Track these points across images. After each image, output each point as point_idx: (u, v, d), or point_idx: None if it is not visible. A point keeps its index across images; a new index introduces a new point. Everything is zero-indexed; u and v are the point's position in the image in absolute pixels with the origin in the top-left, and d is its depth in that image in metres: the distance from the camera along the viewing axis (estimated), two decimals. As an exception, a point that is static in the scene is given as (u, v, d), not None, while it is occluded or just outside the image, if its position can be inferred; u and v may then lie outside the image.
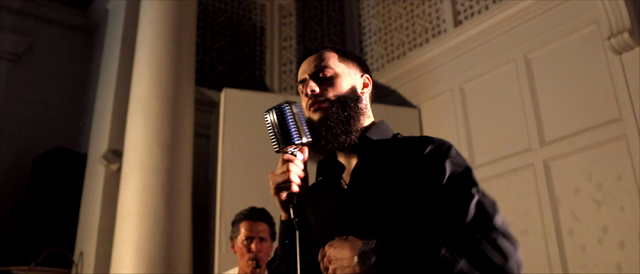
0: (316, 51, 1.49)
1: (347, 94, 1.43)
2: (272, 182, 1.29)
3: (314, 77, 1.44)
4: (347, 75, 1.46)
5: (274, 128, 1.31)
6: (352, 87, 1.45)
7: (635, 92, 3.65)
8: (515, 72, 4.43)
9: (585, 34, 4.04)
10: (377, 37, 6.01)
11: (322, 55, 1.47)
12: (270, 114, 1.32)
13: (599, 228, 3.68)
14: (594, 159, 3.80)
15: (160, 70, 4.55)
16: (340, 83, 1.43)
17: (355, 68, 1.51)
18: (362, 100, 1.46)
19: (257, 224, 2.72)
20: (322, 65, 1.45)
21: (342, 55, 1.49)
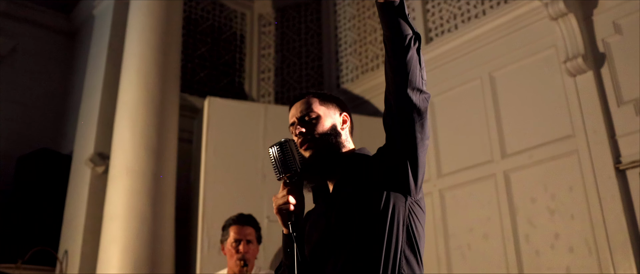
0: (302, 97, 1.79)
1: (328, 131, 1.72)
2: (275, 204, 1.58)
3: (301, 120, 1.73)
4: (328, 116, 1.74)
5: (275, 160, 1.61)
6: (333, 125, 1.74)
7: (587, 112, 4.03)
8: (481, 89, 4.78)
9: (545, 57, 4.41)
10: (353, 49, 6.32)
11: (306, 101, 1.76)
12: (273, 148, 1.63)
13: (552, 234, 4.05)
14: (549, 172, 4.18)
15: (148, 78, 4.79)
16: (322, 123, 1.72)
17: (335, 108, 1.78)
18: (341, 135, 1.75)
19: (245, 228, 3.00)
20: (307, 110, 1.73)
21: (322, 99, 1.78)
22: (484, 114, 4.70)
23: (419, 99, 1.53)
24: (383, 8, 1.51)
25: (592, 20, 4.19)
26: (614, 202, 3.77)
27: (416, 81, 1.52)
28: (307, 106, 1.74)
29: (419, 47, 1.55)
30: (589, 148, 3.97)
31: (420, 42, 1.55)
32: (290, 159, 1.59)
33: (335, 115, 1.77)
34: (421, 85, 1.53)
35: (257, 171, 4.91)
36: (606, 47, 4.10)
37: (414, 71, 1.52)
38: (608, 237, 3.75)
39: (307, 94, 1.78)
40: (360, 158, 1.70)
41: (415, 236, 1.56)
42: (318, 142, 1.69)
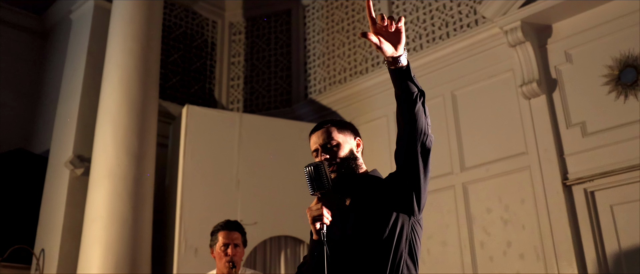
0: (321, 126, 2.10)
1: (348, 155, 2.04)
2: (309, 215, 1.84)
3: (324, 148, 2.04)
4: (346, 142, 2.07)
5: (310, 178, 1.88)
6: (351, 150, 2.07)
7: (539, 132, 4.47)
8: (443, 106, 5.16)
9: (503, 80, 4.83)
10: (321, 61, 6.61)
11: (326, 130, 2.07)
12: (309, 168, 1.89)
13: (505, 242, 4.47)
14: (504, 185, 4.59)
15: (130, 85, 4.98)
16: (342, 149, 2.04)
17: (350, 135, 2.11)
18: (358, 158, 2.09)
19: (232, 233, 3.29)
20: (328, 138, 2.05)
21: (340, 127, 2.09)
22: (446, 130, 5.08)
23: (425, 142, 1.86)
24: (394, 73, 1.85)
25: (547, 48, 4.63)
26: (561, 214, 4.20)
27: (423, 128, 1.84)
28: (327, 135, 2.05)
29: (424, 101, 1.87)
30: (540, 165, 4.40)
31: (424, 97, 1.87)
32: (323, 178, 1.85)
33: (351, 140, 2.09)
34: (427, 130, 1.87)
35: (231, 178, 5.16)
36: (558, 73, 4.54)
37: (420, 120, 1.84)
38: (554, 245, 4.18)
39: (326, 124, 2.08)
40: (374, 180, 2.02)
41: (415, 247, 1.89)
42: (340, 166, 2.00)
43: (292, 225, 5.25)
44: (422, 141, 1.85)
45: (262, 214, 5.15)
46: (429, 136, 1.88)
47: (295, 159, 5.48)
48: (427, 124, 1.88)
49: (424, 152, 1.86)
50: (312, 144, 2.08)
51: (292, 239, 5.32)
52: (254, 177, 5.25)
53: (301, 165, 5.81)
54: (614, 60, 4.26)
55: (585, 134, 4.28)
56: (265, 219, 5.15)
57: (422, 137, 1.85)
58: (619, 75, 4.21)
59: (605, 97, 4.25)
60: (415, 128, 1.83)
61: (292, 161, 5.45)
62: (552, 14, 4.50)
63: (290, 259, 5.27)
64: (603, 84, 4.28)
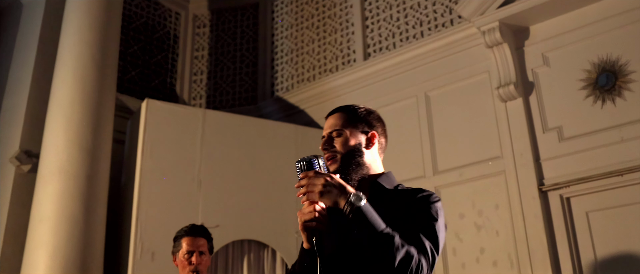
0: (335, 111, 1.87)
1: (352, 150, 1.78)
2: (300, 219, 1.59)
3: (329, 136, 1.81)
4: (353, 134, 1.81)
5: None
6: (357, 144, 1.80)
7: (515, 136, 4.34)
8: (416, 107, 4.99)
9: (478, 81, 4.69)
10: (289, 58, 6.38)
11: (337, 118, 1.84)
12: (301, 163, 1.63)
13: (478, 249, 4.32)
14: (478, 190, 4.44)
15: (85, 76, 4.64)
16: (347, 141, 1.79)
17: (363, 127, 1.84)
18: (365, 154, 1.81)
19: (197, 239, 3.01)
20: (334, 126, 1.81)
21: (352, 115, 1.84)
22: (418, 132, 4.91)
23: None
24: (355, 217, 1.60)
25: (524, 50, 4.51)
26: (536, 220, 4.07)
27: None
28: (335, 121, 1.83)
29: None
30: (516, 169, 4.26)
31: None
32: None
33: (361, 133, 1.84)
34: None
35: (193, 177, 4.88)
36: (535, 76, 4.42)
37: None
38: (529, 252, 4.05)
39: (340, 110, 1.87)
40: (383, 187, 1.79)
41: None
42: (341, 159, 1.77)
43: (256, 228, 4.99)
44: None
45: (225, 216, 4.88)
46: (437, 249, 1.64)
47: (260, 159, 5.23)
48: (428, 259, 1.59)
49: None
50: (324, 130, 1.87)
51: (256, 243, 5.06)
52: (216, 177, 4.97)
53: (266, 165, 5.55)
54: (592, 64, 4.16)
55: (561, 139, 4.17)
56: (227, 221, 4.88)
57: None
58: (597, 79, 4.11)
59: (583, 101, 4.15)
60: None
61: (257, 160, 5.20)
62: (530, 15, 4.38)
63: (253, 265, 5.01)
64: (580, 89, 4.18)
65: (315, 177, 1.58)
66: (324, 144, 1.81)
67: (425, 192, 1.74)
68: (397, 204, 1.70)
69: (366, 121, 1.87)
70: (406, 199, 1.71)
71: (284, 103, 6.14)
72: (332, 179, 1.58)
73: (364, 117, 1.87)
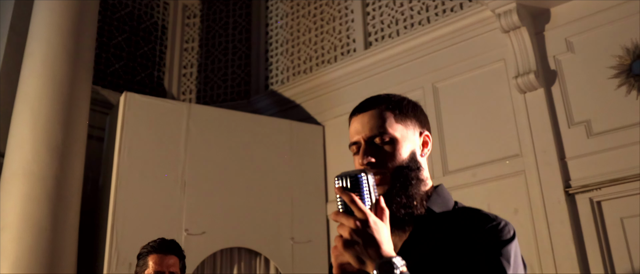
0: (371, 107, 1.35)
1: (407, 162, 1.31)
2: (334, 259, 1.14)
3: (370, 143, 1.31)
4: (406, 139, 1.33)
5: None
6: (412, 153, 1.33)
7: (536, 131, 3.84)
8: (423, 100, 4.51)
9: (493, 70, 4.20)
10: (284, 49, 5.91)
11: (379, 114, 1.32)
12: (343, 181, 1.15)
13: (496, 259, 3.82)
14: (494, 192, 3.96)
15: (55, 67, 4.16)
16: (399, 150, 1.31)
17: (414, 126, 1.37)
18: (422, 167, 1.34)
19: (167, 257, 2.52)
20: (380, 130, 1.30)
21: (400, 113, 1.34)
22: (426, 127, 4.42)
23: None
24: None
25: (544, 35, 4.02)
26: (563, 227, 3.58)
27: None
28: (380, 122, 1.31)
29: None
30: (538, 169, 3.78)
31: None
32: (367, 200, 1.14)
33: (414, 136, 1.36)
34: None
35: (176, 179, 4.39)
36: (558, 64, 3.93)
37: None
38: (555, 264, 3.56)
39: (380, 102, 1.35)
40: (434, 213, 1.31)
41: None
42: (394, 178, 1.28)
43: (247, 235, 4.51)
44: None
45: (212, 222, 4.40)
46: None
47: (252, 158, 4.75)
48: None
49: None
50: (352, 133, 1.35)
51: (247, 251, 4.58)
52: (203, 179, 4.49)
53: (259, 165, 5.04)
54: (625, 49, 3.66)
55: (590, 135, 3.68)
56: (215, 228, 4.40)
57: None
58: (631, 66, 3.62)
59: (614, 92, 3.65)
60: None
61: (249, 160, 4.72)
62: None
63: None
64: (611, 77, 3.68)
65: (344, 216, 1.10)
66: (364, 156, 1.29)
67: (494, 221, 1.25)
68: (454, 238, 1.22)
69: (416, 116, 1.39)
70: (468, 233, 1.23)
71: (278, 97, 5.66)
72: (368, 225, 1.08)
73: (412, 111, 1.38)
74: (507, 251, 1.18)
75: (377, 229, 1.08)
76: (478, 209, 1.31)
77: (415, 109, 1.40)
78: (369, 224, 1.08)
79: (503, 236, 1.21)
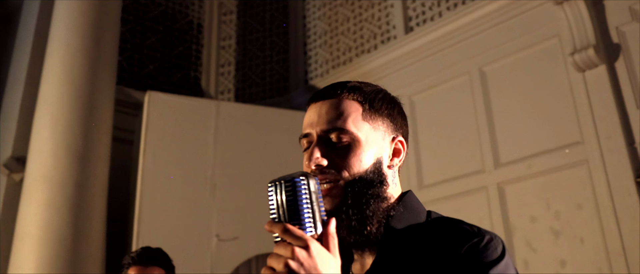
0: (334, 94, 1.05)
1: (368, 174, 1.01)
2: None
3: (323, 140, 1.02)
4: (372, 143, 1.04)
5: (278, 205, 0.92)
6: (377, 162, 1.04)
7: (598, 114, 3.36)
8: (469, 86, 4.09)
9: (546, 48, 3.74)
10: (323, 41, 5.60)
11: (341, 106, 1.04)
12: (278, 188, 0.92)
13: (557, 261, 3.37)
14: (553, 185, 3.50)
15: (75, 69, 3.99)
16: (360, 156, 1.02)
17: (386, 128, 1.07)
18: (387, 182, 1.04)
19: (150, 269, 2.25)
20: (339, 125, 1.02)
21: (370, 108, 1.05)
22: (474, 116, 4.01)
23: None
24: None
25: (604, 4, 3.53)
26: (634, 223, 3.09)
27: None
28: (340, 116, 1.03)
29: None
30: (603, 158, 3.29)
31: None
32: (307, 212, 0.90)
33: (384, 141, 1.07)
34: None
35: (205, 181, 4.14)
36: (621, 36, 3.44)
37: None
38: (628, 265, 3.07)
39: (346, 90, 1.06)
40: (411, 228, 1.02)
41: None
42: (347, 191, 1.00)
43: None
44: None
45: (245, 226, 4.12)
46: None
47: (287, 157, 4.42)
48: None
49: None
50: (305, 123, 1.07)
51: (283, 256, 4.28)
52: (234, 181, 4.21)
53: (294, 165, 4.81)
54: (703, 14, 3.14)
55: (663, 115, 3.18)
56: (248, 233, 4.12)
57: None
58: None
59: (691, 64, 3.14)
60: None
61: (283, 159, 4.40)
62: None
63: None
64: (687, 47, 3.17)
65: (280, 246, 0.86)
66: (312, 155, 1.01)
67: (475, 238, 0.95)
68: (427, 262, 0.95)
69: (391, 116, 1.09)
70: (443, 254, 0.94)
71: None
72: (309, 255, 0.84)
73: (387, 108, 1.08)
74: (500, 269, 0.91)
75: (323, 262, 0.84)
76: (457, 221, 1.02)
77: (392, 106, 1.10)
78: (311, 255, 0.83)
79: (487, 256, 0.93)
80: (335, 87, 1.06)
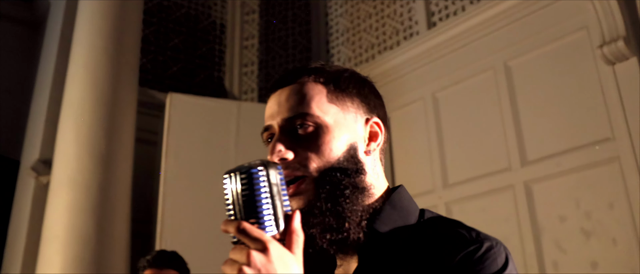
0: (294, 79, 0.96)
1: (342, 162, 0.89)
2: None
3: (286, 131, 0.92)
4: (342, 126, 0.92)
5: (234, 204, 0.81)
6: (351, 148, 0.92)
7: (630, 108, 3.23)
8: (494, 81, 3.99)
9: (573, 41, 3.62)
10: (345, 38, 5.55)
11: (302, 91, 0.93)
12: (233, 179, 0.82)
13: (588, 263, 3.25)
14: (582, 184, 3.38)
15: (97, 71, 4.01)
16: (329, 143, 0.90)
17: (358, 109, 0.95)
18: (365, 170, 0.92)
19: (164, 271, 2.26)
20: (302, 110, 0.91)
21: (336, 89, 0.94)
22: (499, 112, 3.91)
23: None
24: None
25: (635, -6, 3.40)
26: (669, 223, 2.97)
27: None
28: (304, 100, 0.92)
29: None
30: (635, 154, 3.17)
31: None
32: (266, 206, 0.79)
33: (357, 122, 0.95)
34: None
35: (228, 182, 4.12)
36: (654, 27, 3.30)
37: None
38: (662, 268, 2.95)
39: (306, 73, 0.96)
40: (397, 231, 0.89)
41: None
42: (319, 186, 0.88)
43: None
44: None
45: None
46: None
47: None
48: None
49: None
50: (266, 116, 0.98)
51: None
52: (256, 182, 4.19)
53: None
54: None
55: (699, 109, 3.04)
56: (271, 233, 4.09)
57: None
58: None
59: None
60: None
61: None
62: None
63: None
64: None
65: (236, 249, 0.75)
66: (274, 149, 0.90)
67: (472, 245, 0.83)
68: (423, 266, 0.83)
69: (362, 96, 0.97)
70: (435, 267, 0.82)
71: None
72: (268, 260, 0.73)
73: (356, 87, 0.97)
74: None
75: (284, 265, 0.72)
76: (453, 224, 0.89)
77: (361, 84, 0.98)
78: (269, 259, 0.72)
79: (485, 268, 0.80)
80: (294, 72, 0.96)
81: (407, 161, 4.51)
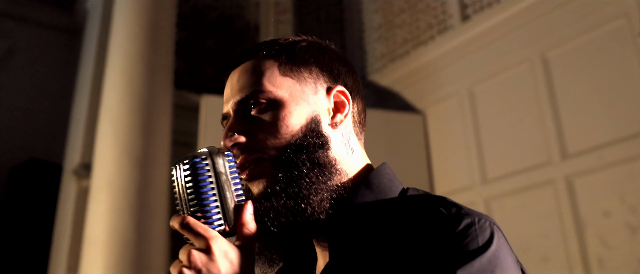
0: (244, 58, 0.91)
1: (301, 138, 0.83)
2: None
3: (240, 113, 0.87)
4: (299, 98, 0.86)
5: (180, 197, 0.77)
6: (312, 120, 0.85)
7: (675, 97, 3.11)
8: (532, 73, 3.89)
9: (613, 30, 3.50)
10: (379, 35, 5.50)
11: (253, 68, 0.87)
12: (178, 170, 0.77)
13: (635, 259, 3.13)
14: (627, 177, 3.26)
15: (133, 75, 4.08)
16: (285, 119, 0.83)
17: (316, 79, 0.88)
18: (329, 145, 0.85)
19: None
20: (252, 88, 0.85)
21: (289, 61, 0.88)
22: (537, 105, 3.80)
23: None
24: None
25: (678, -22, 3.26)
26: None
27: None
28: (254, 78, 0.86)
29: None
30: (681, 145, 3.04)
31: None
32: (212, 199, 0.75)
33: (318, 94, 0.88)
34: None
35: (263, 182, 4.14)
36: (698, 12, 3.16)
37: None
38: None
39: (257, 49, 0.92)
40: (377, 214, 0.81)
41: None
42: (277, 166, 0.81)
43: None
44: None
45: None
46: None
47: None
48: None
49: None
50: (224, 101, 0.94)
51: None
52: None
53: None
54: None
55: None
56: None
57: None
58: None
59: None
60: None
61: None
62: None
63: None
64: None
65: (184, 248, 0.72)
66: (227, 134, 0.85)
67: (453, 219, 0.74)
68: (394, 257, 0.74)
69: (322, 64, 0.90)
70: (410, 249, 0.73)
71: (375, 87, 5.26)
72: (210, 258, 0.69)
73: (314, 55, 0.90)
74: (477, 268, 0.68)
75: (229, 265, 0.68)
76: (434, 200, 0.80)
77: (321, 52, 0.90)
78: (212, 258, 0.68)
79: (465, 245, 0.70)
80: (245, 50, 0.91)
81: (444, 156, 4.44)
